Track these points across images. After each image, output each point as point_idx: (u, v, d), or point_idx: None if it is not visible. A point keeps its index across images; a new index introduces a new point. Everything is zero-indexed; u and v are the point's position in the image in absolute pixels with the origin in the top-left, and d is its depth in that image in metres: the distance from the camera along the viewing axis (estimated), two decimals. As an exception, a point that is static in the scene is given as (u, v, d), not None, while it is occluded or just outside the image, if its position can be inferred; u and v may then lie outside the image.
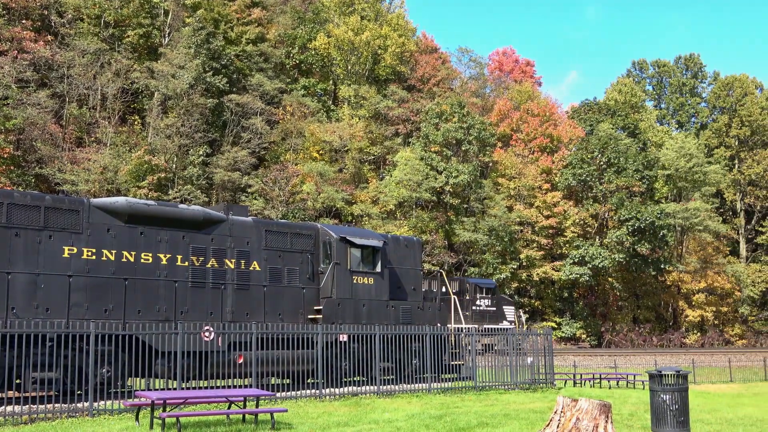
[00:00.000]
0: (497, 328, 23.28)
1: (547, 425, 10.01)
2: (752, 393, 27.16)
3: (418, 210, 47.65)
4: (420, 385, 18.89)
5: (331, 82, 54.28)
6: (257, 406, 12.97)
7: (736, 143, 70.56)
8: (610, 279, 53.62)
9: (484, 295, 41.65)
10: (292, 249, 18.96)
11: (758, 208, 69.88)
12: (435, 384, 18.72)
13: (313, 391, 16.83)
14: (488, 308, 41.48)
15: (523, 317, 46.01)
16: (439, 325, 21.08)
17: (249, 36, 50.36)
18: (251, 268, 18.04)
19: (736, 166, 70.33)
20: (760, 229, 69.17)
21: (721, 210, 68.55)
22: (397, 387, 18.39)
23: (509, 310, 43.01)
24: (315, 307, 19.05)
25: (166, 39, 47.43)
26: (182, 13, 47.90)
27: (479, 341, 20.64)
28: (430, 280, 32.19)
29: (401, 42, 53.04)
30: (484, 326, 31.97)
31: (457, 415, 14.26)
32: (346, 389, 17.53)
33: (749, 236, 71.43)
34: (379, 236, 21.02)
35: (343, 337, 18.31)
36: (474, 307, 40.74)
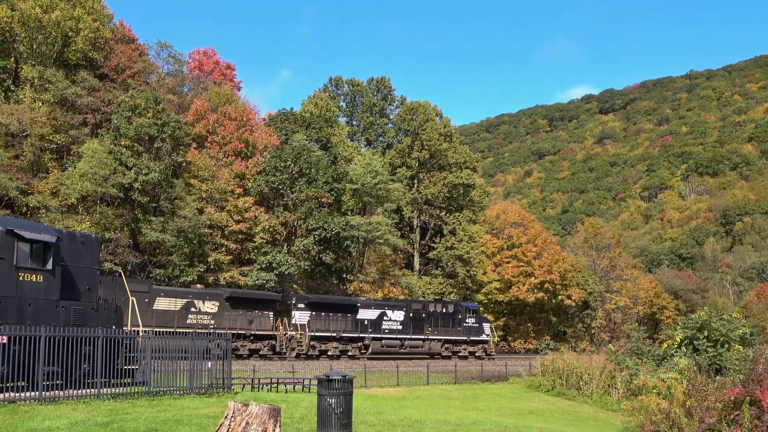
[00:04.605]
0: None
1: (217, 430, 9.90)
2: (415, 396, 29.40)
3: (103, 206, 45.21)
4: (89, 390, 17.78)
5: (12, 59, 49.54)
6: None
7: (417, 164, 76.14)
8: (295, 286, 55.00)
9: (471, 315, 54.85)
10: (-53, 240, 16.92)
11: (432, 225, 76.04)
12: (105, 389, 17.72)
13: (-39, 398, 15.11)
14: (473, 325, 54.61)
15: (495, 330, 60.41)
16: (114, 327, 20.05)
17: None
18: None
19: (415, 186, 75.93)
20: (432, 244, 75.32)
21: (400, 225, 73.45)
22: (62, 393, 17.10)
23: (486, 326, 56.33)
24: (-29, 306, 17.15)
25: None
26: None
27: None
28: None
29: (95, 27, 50.01)
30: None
31: (125, 422, 13.62)
32: (1, 396, 15.95)
33: (422, 251, 77.44)
34: (53, 231, 19.50)
35: (3, 339, 16.65)
36: (464, 324, 53.87)
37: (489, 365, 46.27)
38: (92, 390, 17.63)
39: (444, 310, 53.17)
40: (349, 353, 46.26)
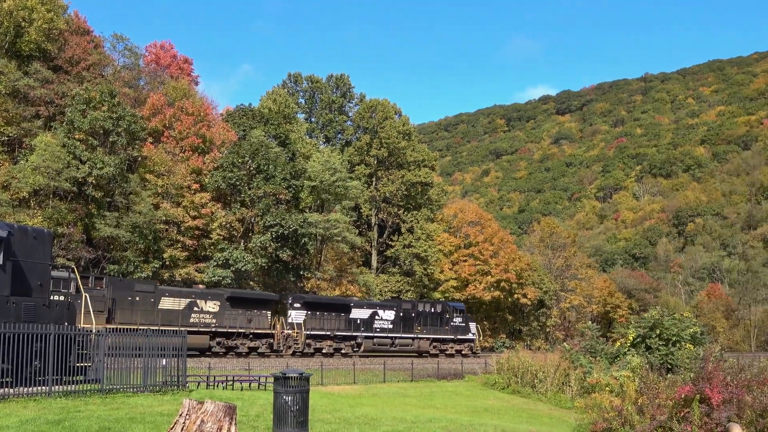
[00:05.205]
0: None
1: (171, 428, 9.76)
2: (371, 394, 29.38)
3: (56, 200, 44.41)
4: (40, 388, 17.43)
5: (-38, 50, 48.49)
6: None
7: (375, 162, 76.04)
8: (252, 283, 54.63)
9: (458, 314, 57.04)
10: None
11: (389, 223, 76.07)
12: (57, 387, 17.40)
13: None
14: (460, 324, 56.87)
15: (480, 329, 62.23)
16: (66, 324, 19.69)
17: None
18: None
19: (374, 184, 75.87)
20: (390, 243, 75.36)
21: (358, 223, 73.32)
22: (12, 391, 16.75)
23: (472, 325, 58.64)
24: None
25: None
26: None
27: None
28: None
29: (49, 17, 49.03)
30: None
31: (77, 420, 13.41)
32: (-51, 394, 15.58)
33: (380, 249, 77.44)
34: (4, 225, 19.08)
35: (-50, 335, 16.24)
36: (452, 323, 56.10)
37: (445, 363, 46.49)
38: (43, 387, 17.31)
39: (432, 310, 55.64)
40: (343, 351, 48.33)
